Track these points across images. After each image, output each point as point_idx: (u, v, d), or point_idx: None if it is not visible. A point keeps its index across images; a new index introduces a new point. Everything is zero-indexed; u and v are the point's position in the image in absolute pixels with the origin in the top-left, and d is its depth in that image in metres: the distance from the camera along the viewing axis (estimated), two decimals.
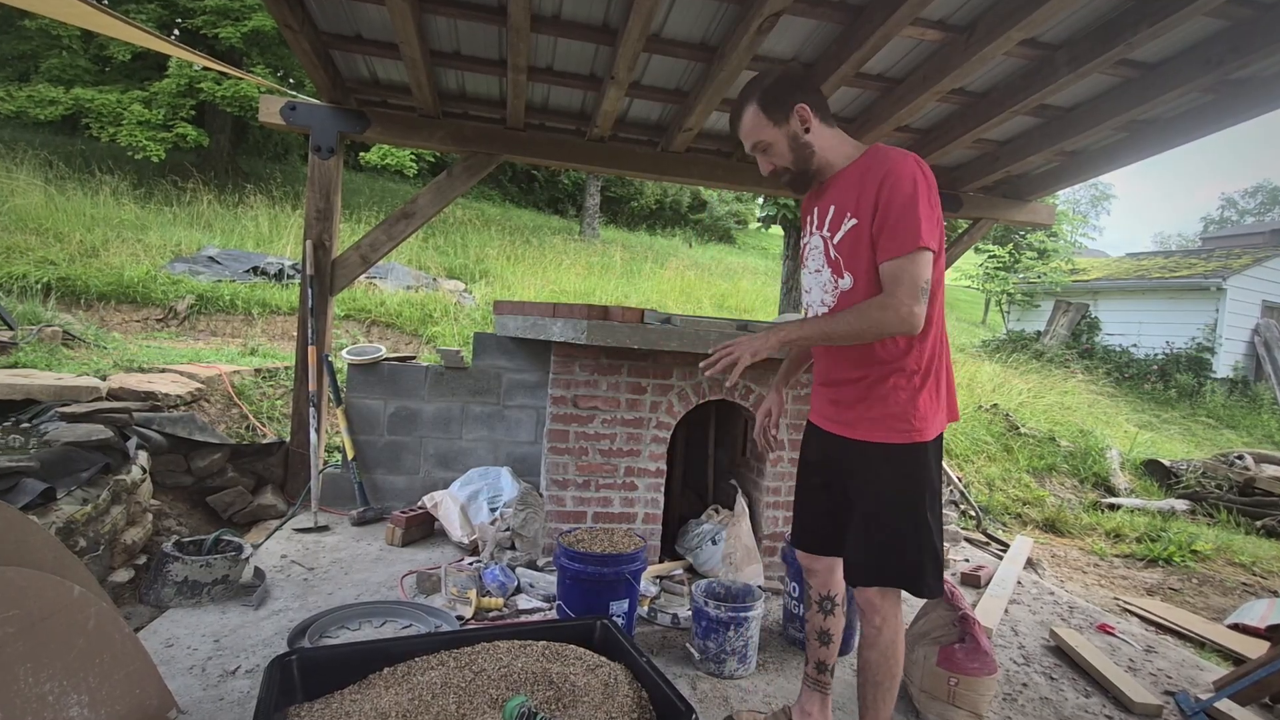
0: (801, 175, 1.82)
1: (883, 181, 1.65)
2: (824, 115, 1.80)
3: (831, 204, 1.78)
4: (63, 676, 1.58)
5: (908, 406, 1.73)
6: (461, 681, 1.76)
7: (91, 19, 3.12)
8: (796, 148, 1.79)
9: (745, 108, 1.80)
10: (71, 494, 2.56)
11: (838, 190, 1.77)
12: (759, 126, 1.79)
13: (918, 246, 1.61)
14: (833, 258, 1.77)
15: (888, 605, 1.76)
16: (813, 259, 1.85)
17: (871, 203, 1.66)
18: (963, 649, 2.22)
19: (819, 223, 1.82)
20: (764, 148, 1.81)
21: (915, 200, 1.62)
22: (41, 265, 6.03)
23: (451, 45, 3.53)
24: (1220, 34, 2.91)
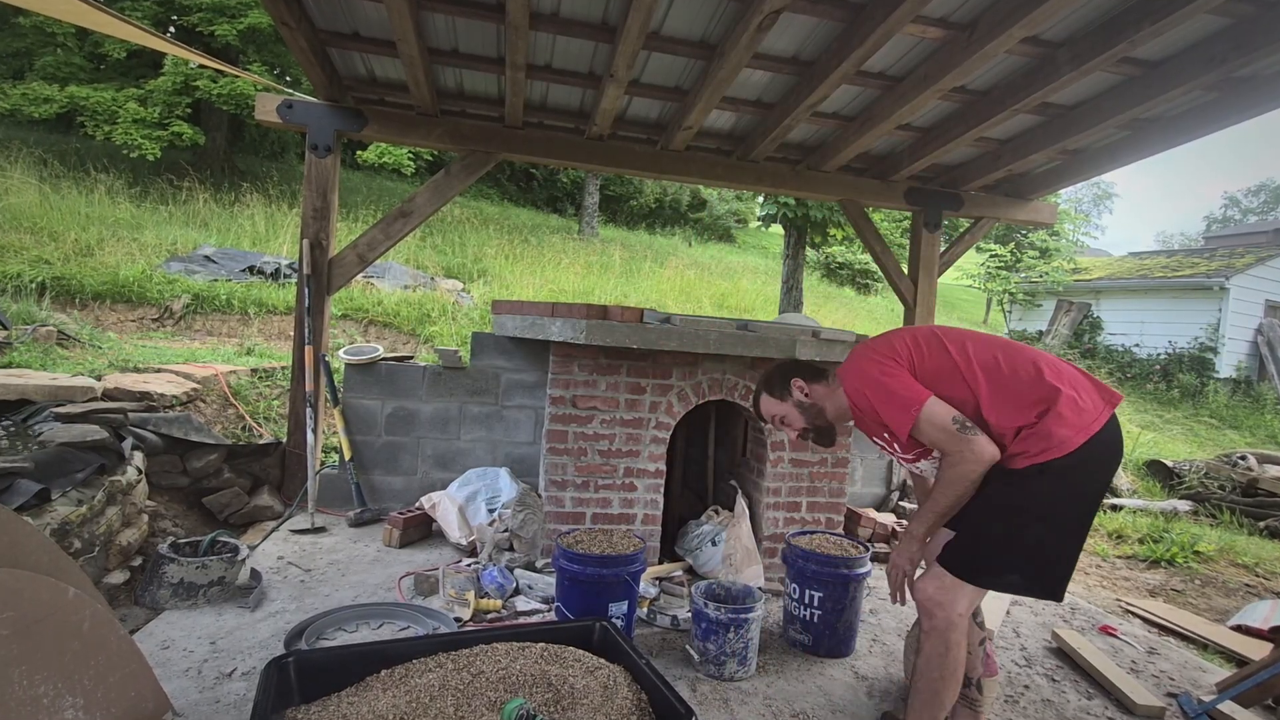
0: (820, 431, 2.19)
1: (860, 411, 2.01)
2: (817, 379, 2.18)
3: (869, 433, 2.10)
4: (57, 679, 1.56)
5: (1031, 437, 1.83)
6: (460, 684, 1.75)
7: (87, 16, 3.09)
8: (805, 411, 2.16)
9: (760, 397, 2.24)
10: (66, 495, 2.55)
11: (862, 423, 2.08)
12: (772, 406, 2.21)
13: (910, 418, 1.84)
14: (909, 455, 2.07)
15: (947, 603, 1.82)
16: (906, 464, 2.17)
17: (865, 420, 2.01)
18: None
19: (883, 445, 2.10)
20: (782, 419, 2.20)
21: (876, 408, 1.91)
22: (36, 264, 6.00)
23: (449, 43, 3.52)
24: (1223, 32, 2.90)
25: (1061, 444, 1.76)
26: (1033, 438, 1.78)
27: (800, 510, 3.39)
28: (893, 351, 1.95)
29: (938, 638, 1.82)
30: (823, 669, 2.58)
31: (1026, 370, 1.85)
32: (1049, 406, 1.79)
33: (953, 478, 1.81)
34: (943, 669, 1.82)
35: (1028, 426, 1.79)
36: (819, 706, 2.32)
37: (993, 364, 1.87)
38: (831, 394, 2.13)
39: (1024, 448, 1.79)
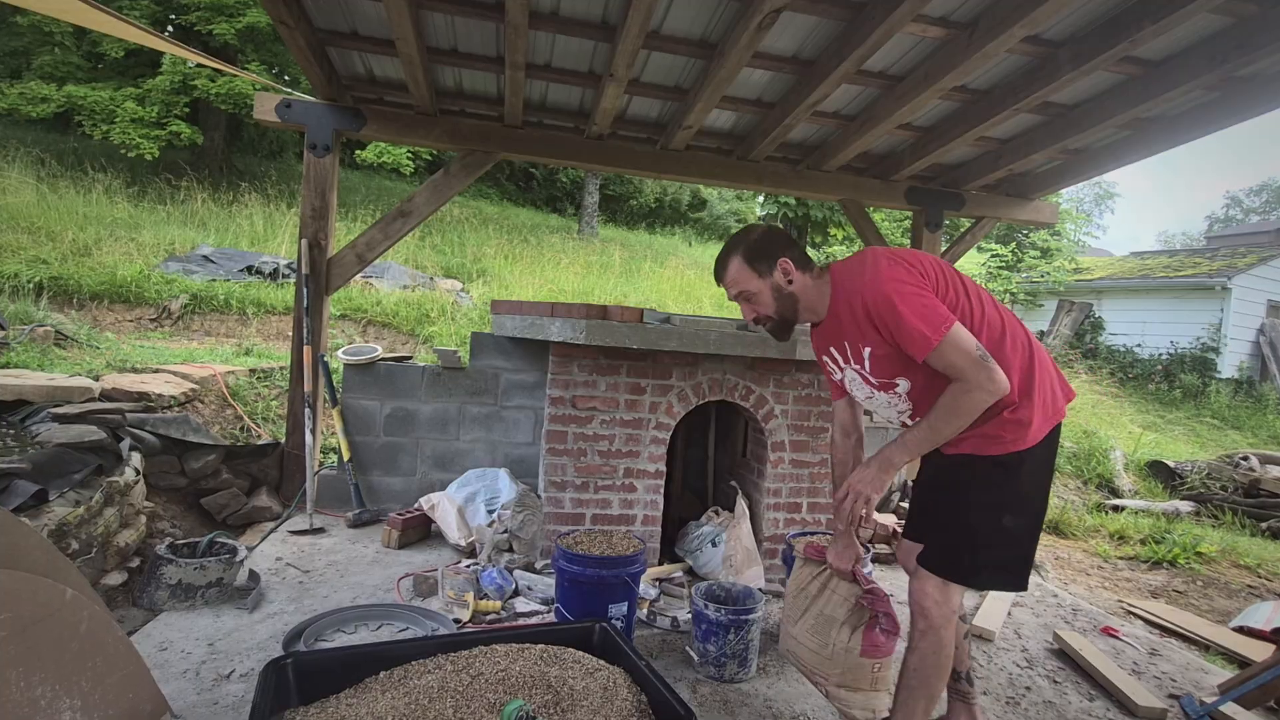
0: (783, 323, 1.96)
1: (868, 313, 1.76)
2: (805, 266, 1.92)
3: (844, 341, 1.88)
4: (55, 681, 1.55)
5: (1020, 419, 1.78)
6: (459, 685, 1.75)
7: (85, 15, 3.08)
8: (780, 298, 1.92)
9: (730, 258, 1.93)
10: (64, 496, 2.54)
11: (837, 328, 1.89)
12: (744, 277, 1.92)
13: (940, 336, 1.66)
14: (875, 381, 1.86)
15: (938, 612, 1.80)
16: (858, 389, 1.95)
17: (873, 330, 1.77)
18: (883, 630, 1.97)
19: (844, 359, 1.92)
20: (748, 296, 1.94)
21: (900, 312, 1.69)
22: (33, 264, 5.98)
23: (449, 42, 3.51)
24: (1225, 31, 2.89)
25: (1036, 432, 1.77)
26: (1011, 423, 1.76)
27: (801, 511, 3.38)
28: (921, 266, 1.80)
29: (934, 636, 1.80)
30: None
31: (1022, 343, 1.84)
32: (1030, 389, 1.78)
33: (963, 405, 1.66)
34: (937, 665, 1.81)
35: (1008, 408, 1.76)
36: (820, 708, 2.32)
37: (999, 326, 1.82)
38: (815, 288, 1.91)
39: (999, 431, 1.77)
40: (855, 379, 1.93)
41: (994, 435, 1.77)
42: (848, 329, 1.84)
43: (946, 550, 1.83)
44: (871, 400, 1.94)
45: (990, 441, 1.77)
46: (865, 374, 1.88)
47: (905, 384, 1.83)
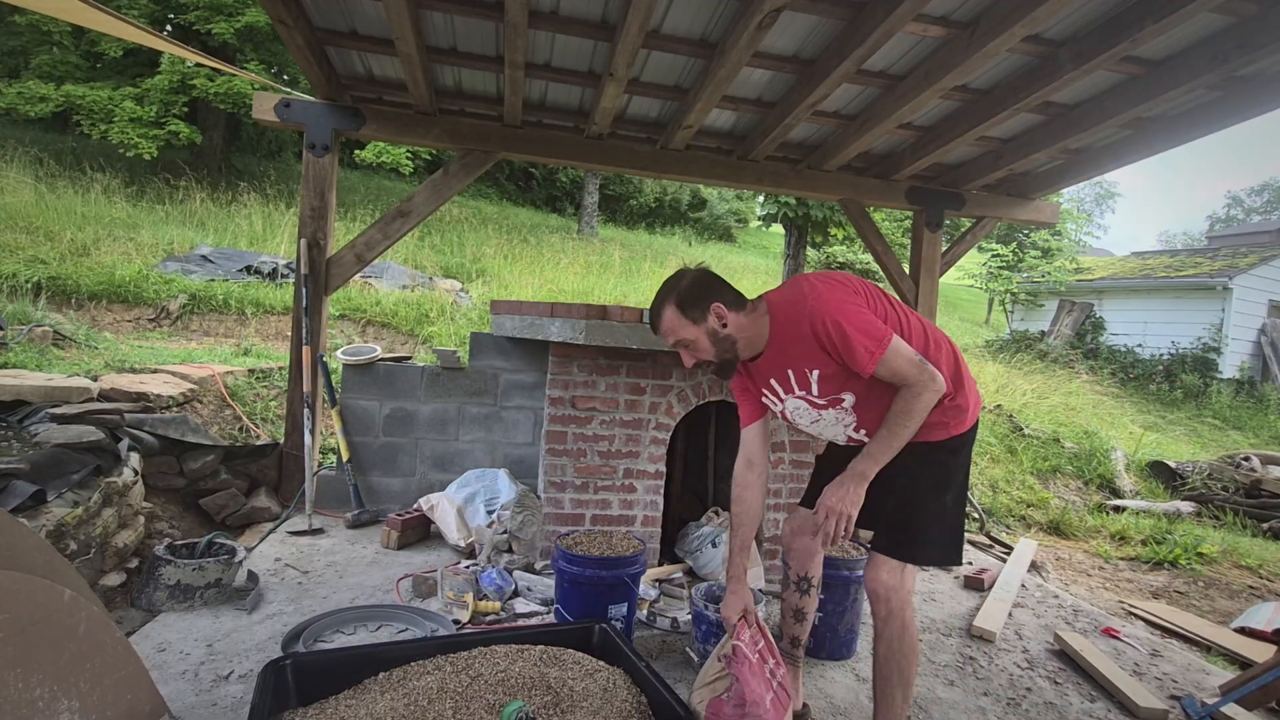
0: (724, 365, 1.97)
1: (816, 337, 1.81)
2: (738, 306, 1.94)
3: (786, 369, 1.92)
4: (53, 682, 1.55)
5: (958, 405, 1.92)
6: (458, 686, 1.75)
7: (84, 15, 3.07)
8: (717, 341, 1.92)
9: (664, 309, 1.93)
10: (62, 496, 2.52)
11: (779, 358, 1.92)
12: (679, 325, 1.92)
13: (884, 350, 1.76)
14: (821, 402, 1.93)
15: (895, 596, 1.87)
16: (802, 415, 2.00)
17: (820, 351, 1.83)
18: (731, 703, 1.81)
19: (785, 389, 1.96)
20: (685, 344, 1.94)
21: (848, 333, 1.77)
22: (32, 264, 5.97)
23: (448, 41, 3.50)
24: (1226, 30, 2.89)
25: (971, 415, 1.93)
26: (952, 410, 1.89)
27: None
28: (852, 286, 1.91)
29: (896, 620, 1.87)
30: (824, 671, 2.57)
31: (946, 342, 1.98)
32: (960, 379, 1.93)
33: (915, 408, 1.77)
34: (905, 649, 1.88)
35: (948, 397, 1.87)
36: (821, 710, 2.31)
37: (922, 332, 1.94)
38: (752, 323, 1.92)
39: (944, 419, 1.88)
40: (800, 406, 1.97)
41: (939, 423, 1.88)
42: (793, 356, 1.88)
43: (895, 532, 1.91)
44: (818, 423, 2.00)
45: (937, 429, 1.88)
46: (812, 397, 1.93)
47: (850, 397, 1.91)
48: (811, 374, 1.88)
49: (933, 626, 3.06)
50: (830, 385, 1.88)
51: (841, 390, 1.88)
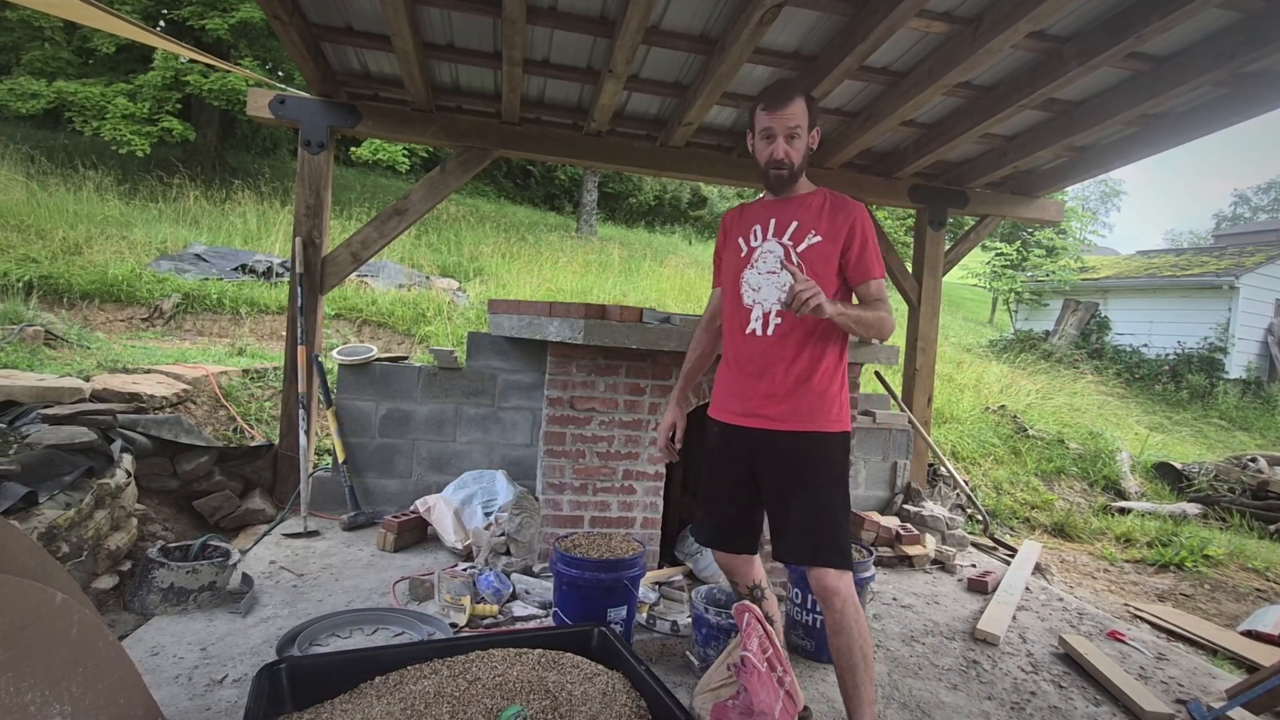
0: (793, 177, 2.05)
1: (854, 222, 2.00)
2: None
3: (793, 219, 2.04)
4: (44, 686, 1.53)
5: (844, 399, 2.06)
6: (455, 691, 1.73)
7: (76, 10, 3.04)
8: (807, 153, 2.06)
9: (796, 92, 2.01)
10: (54, 498, 2.50)
11: (798, 210, 2.05)
12: (803, 115, 2.00)
13: (883, 274, 2.06)
14: (795, 263, 2.01)
15: (844, 586, 1.93)
16: (765, 261, 2.06)
17: (841, 232, 1.99)
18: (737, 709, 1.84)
19: (777, 231, 2.06)
20: (795, 134, 1.99)
21: (872, 240, 2.03)
22: (23, 263, 5.92)
23: (445, 37, 3.47)
24: (1232, 26, 2.86)
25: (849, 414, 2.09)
26: (845, 404, 2.05)
27: None
28: None
29: (851, 607, 1.92)
30: (825, 675, 2.55)
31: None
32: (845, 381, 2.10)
33: (882, 318, 1.95)
34: (862, 631, 1.93)
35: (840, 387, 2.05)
36: (822, 713, 2.29)
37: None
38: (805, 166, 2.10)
39: (840, 409, 2.02)
40: (774, 252, 2.04)
41: (841, 407, 2.02)
42: (812, 216, 2.02)
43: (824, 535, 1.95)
44: (773, 277, 2.03)
45: (839, 415, 2.01)
46: (794, 250, 2.02)
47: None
48: (810, 236, 2.00)
49: (936, 630, 3.04)
50: (810, 257, 1.99)
51: (811, 268, 1.98)
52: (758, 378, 2.03)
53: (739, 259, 2.10)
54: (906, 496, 4.46)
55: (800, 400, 1.98)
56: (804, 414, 1.98)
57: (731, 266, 2.13)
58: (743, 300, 2.07)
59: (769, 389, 2.01)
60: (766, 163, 2.03)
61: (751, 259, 2.07)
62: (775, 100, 1.99)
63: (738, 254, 2.11)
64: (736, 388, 2.09)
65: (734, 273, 2.11)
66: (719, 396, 2.19)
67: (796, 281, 1.78)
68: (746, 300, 2.06)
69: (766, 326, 2.02)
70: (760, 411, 2.02)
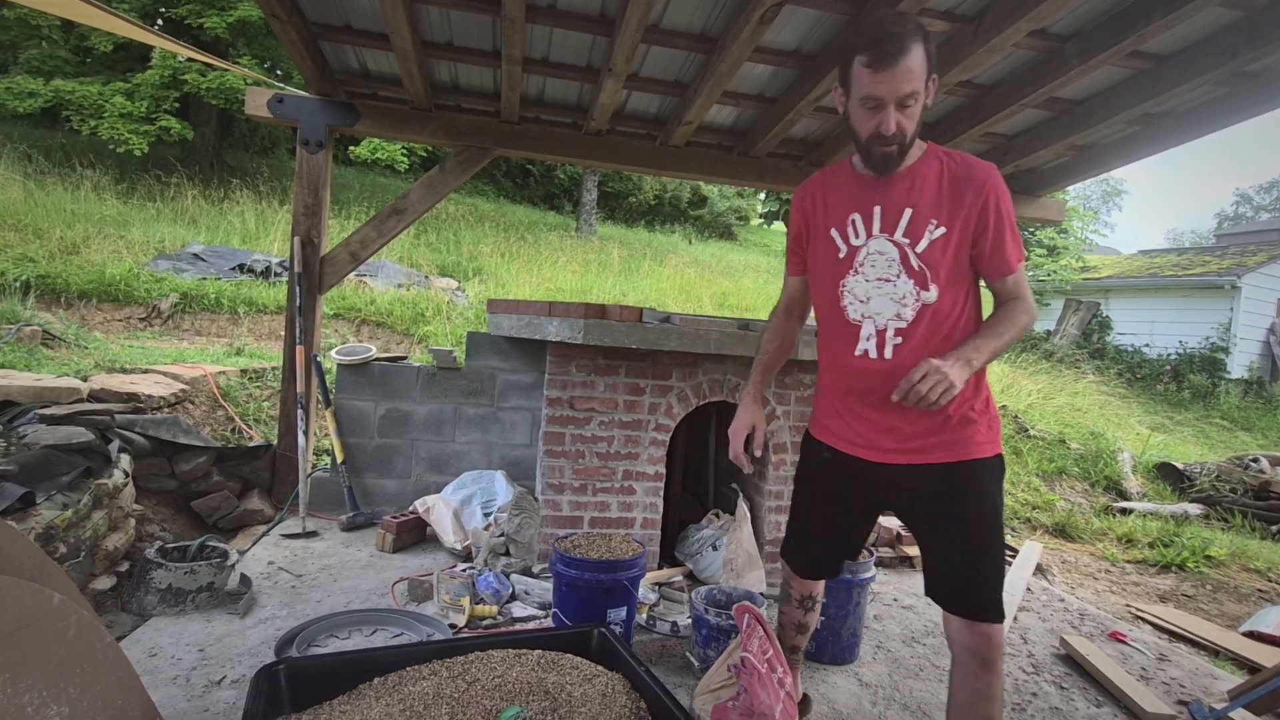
0: (901, 154, 1.58)
1: (987, 197, 1.57)
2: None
3: (905, 205, 1.60)
4: (42, 687, 1.52)
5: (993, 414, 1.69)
6: (454, 692, 1.72)
7: (74, 9, 3.02)
8: (921, 119, 1.56)
9: (914, 41, 1.48)
10: (51, 498, 2.49)
11: (910, 191, 1.60)
12: (921, 70, 1.50)
13: (1023, 258, 1.64)
14: (915, 267, 1.59)
15: (1001, 642, 1.63)
16: (874, 266, 1.63)
17: (971, 215, 1.57)
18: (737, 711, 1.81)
19: (885, 225, 1.62)
20: (912, 98, 1.51)
21: (1009, 217, 1.61)
22: (20, 262, 5.91)
23: (444, 36, 3.45)
24: (1235, 24, 2.85)
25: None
26: (994, 421, 1.69)
27: None
28: None
29: (997, 686, 1.63)
30: (826, 676, 2.54)
31: None
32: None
33: (1021, 324, 1.58)
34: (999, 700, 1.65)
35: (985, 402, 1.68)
36: (823, 715, 2.28)
37: None
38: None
39: (989, 428, 1.66)
40: (887, 254, 1.61)
41: (989, 429, 1.67)
42: (925, 196, 1.58)
43: (986, 585, 1.61)
44: (886, 286, 1.62)
45: (988, 438, 1.66)
46: (913, 251, 1.58)
47: (933, 294, 1.60)
48: (931, 229, 1.57)
49: (937, 630, 3.03)
50: (935, 256, 1.57)
51: (937, 276, 1.58)
52: (878, 409, 1.66)
53: (835, 261, 1.69)
54: None
55: (941, 428, 1.63)
56: (949, 442, 1.63)
57: (826, 269, 1.72)
58: (846, 315, 1.67)
59: (897, 421, 1.64)
60: (870, 138, 1.55)
61: (854, 263, 1.66)
62: (886, 55, 1.46)
63: (833, 254, 1.70)
64: (851, 417, 1.72)
65: (830, 278, 1.70)
66: (825, 421, 1.82)
67: (921, 381, 1.42)
68: (852, 315, 1.66)
69: (883, 347, 1.63)
70: (888, 445, 1.67)
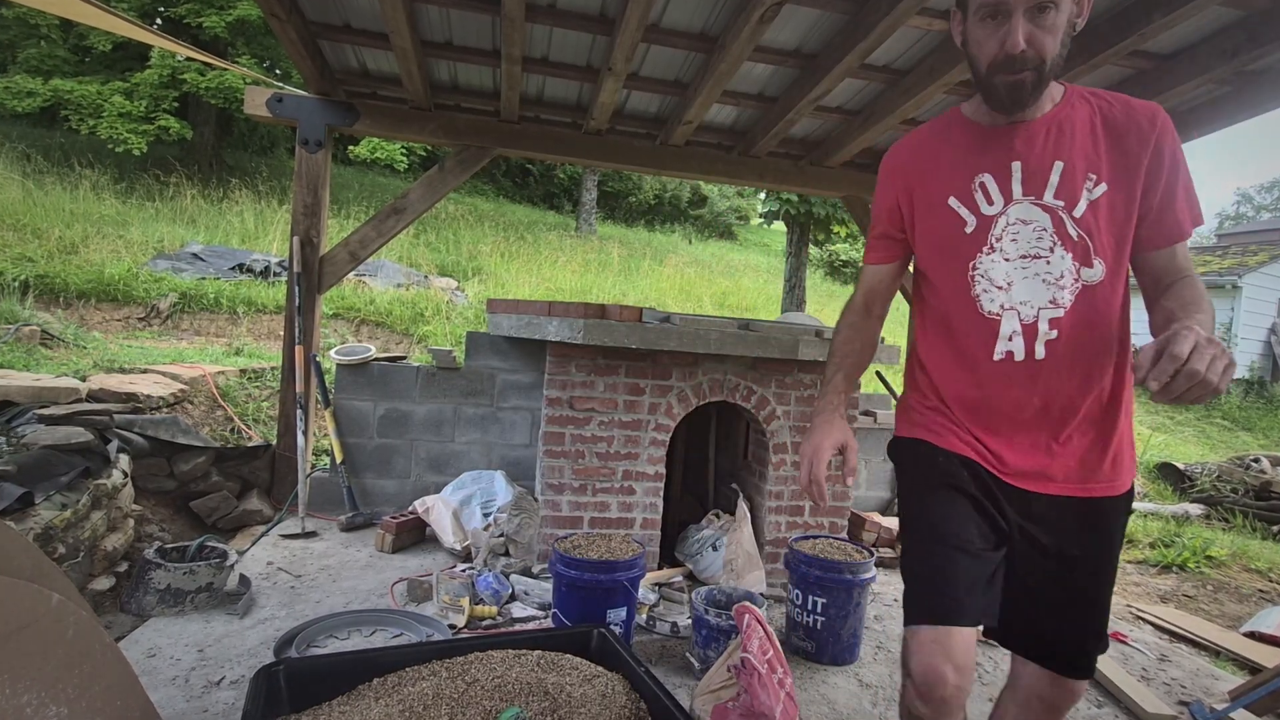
0: (1042, 78, 1.22)
1: (1159, 141, 1.23)
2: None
3: (1054, 157, 1.25)
4: (40, 688, 1.52)
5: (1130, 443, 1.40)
6: (454, 692, 1.72)
7: (73, 8, 3.02)
8: (1066, 39, 1.23)
9: None
10: (50, 499, 2.48)
11: (1058, 138, 1.26)
12: None
13: (1199, 223, 1.29)
14: (1074, 237, 1.23)
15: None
16: (1016, 240, 1.26)
17: (1138, 164, 1.23)
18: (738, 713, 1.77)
19: (1030, 184, 1.26)
20: (1053, 6, 1.18)
21: (1184, 165, 1.26)
22: (19, 262, 5.90)
23: (443, 35, 3.45)
24: (1236, 24, 2.85)
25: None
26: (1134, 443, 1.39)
27: (803, 514, 3.34)
28: None
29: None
30: (826, 677, 2.53)
31: None
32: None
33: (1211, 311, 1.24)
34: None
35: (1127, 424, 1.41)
36: (823, 715, 2.27)
37: None
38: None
39: (1133, 452, 1.39)
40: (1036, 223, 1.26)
41: (1130, 462, 1.38)
42: (1079, 145, 1.24)
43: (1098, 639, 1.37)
44: (1038, 265, 1.26)
45: (1125, 467, 1.37)
46: (1070, 216, 1.24)
47: (1099, 271, 1.26)
48: (1089, 187, 1.23)
49: None
50: (1095, 223, 1.24)
51: (1100, 249, 1.25)
52: (1026, 425, 1.31)
53: (961, 238, 1.31)
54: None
55: (1104, 450, 1.33)
56: (1113, 470, 1.34)
57: (947, 250, 1.34)
58: (980, 307, 1.29)
59: (1048, 441, 1.31)
60: (992, 65, 1.22)
61: (989, 238, 1.28)
62: None
63: (955, 229, 1.32)
64: (984, 435, 1.34)
65: (954, 260, 1.32)
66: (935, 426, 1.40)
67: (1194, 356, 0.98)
68: (988, 306, 1.28)
69: (1033, 347, 1.27)
70: (1032, 470, 1.32)
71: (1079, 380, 1.30)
